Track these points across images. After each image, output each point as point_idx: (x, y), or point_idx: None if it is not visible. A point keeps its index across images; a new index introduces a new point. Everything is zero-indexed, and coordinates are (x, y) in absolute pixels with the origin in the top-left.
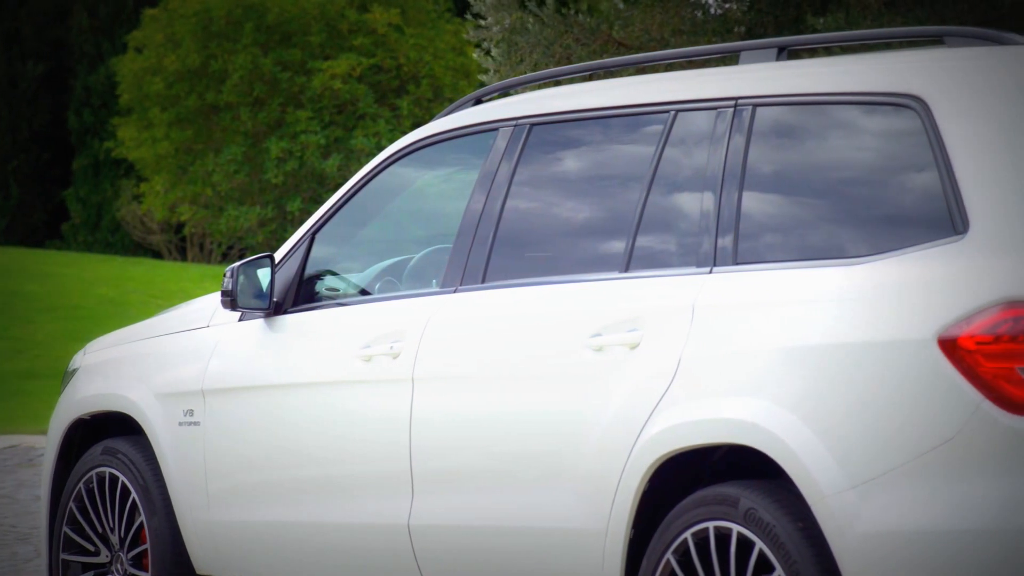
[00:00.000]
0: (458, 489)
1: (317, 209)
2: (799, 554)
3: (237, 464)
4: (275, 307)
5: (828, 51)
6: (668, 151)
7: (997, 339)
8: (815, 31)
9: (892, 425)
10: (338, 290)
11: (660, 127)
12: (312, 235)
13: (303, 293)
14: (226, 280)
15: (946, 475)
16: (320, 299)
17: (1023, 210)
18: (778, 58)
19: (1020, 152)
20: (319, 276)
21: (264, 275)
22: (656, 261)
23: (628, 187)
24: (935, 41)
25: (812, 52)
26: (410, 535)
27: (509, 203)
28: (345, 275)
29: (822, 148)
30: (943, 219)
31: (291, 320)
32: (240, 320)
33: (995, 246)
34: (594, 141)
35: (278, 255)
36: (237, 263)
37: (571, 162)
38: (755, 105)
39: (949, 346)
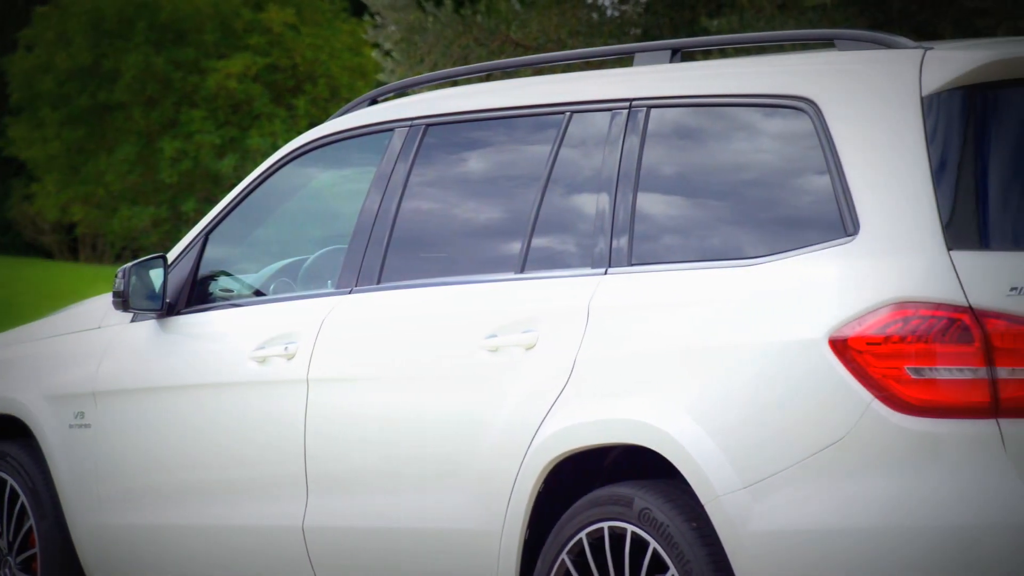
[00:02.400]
0: (353, 490)
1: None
2: (692, 553)
3: (129, 467)
4: (168, 308)
5: (722, 53)
6: (563, 152)
7: (887, 339)
8: (709, 33)
9: (785, 425)
10: (232, 291)
11: (555, 128)
12: (206, 235)
13: (197, 294)
14: (118, 281)
15: (837, 474)
16: (214, 300)
17: (912, 211)
18: (672, 60)
19: (909, 154)
20: (213, 277)
21: (157, 276)
22: (552, 262)
23: (524, 188)
24: (827, 44)
25: (706, 54)
26: (304, 537)
27: (405, 204)
28: (239, 276)
29: (716, 150)
30: (834, 220)
31: (184, 321)
32: (132, 321)
33: (885, 247)
34: (490, 142)
35: (171, 255)
36: (129, 264)
37: (467, 163)
38: (649, 107)
39: (840, 346)
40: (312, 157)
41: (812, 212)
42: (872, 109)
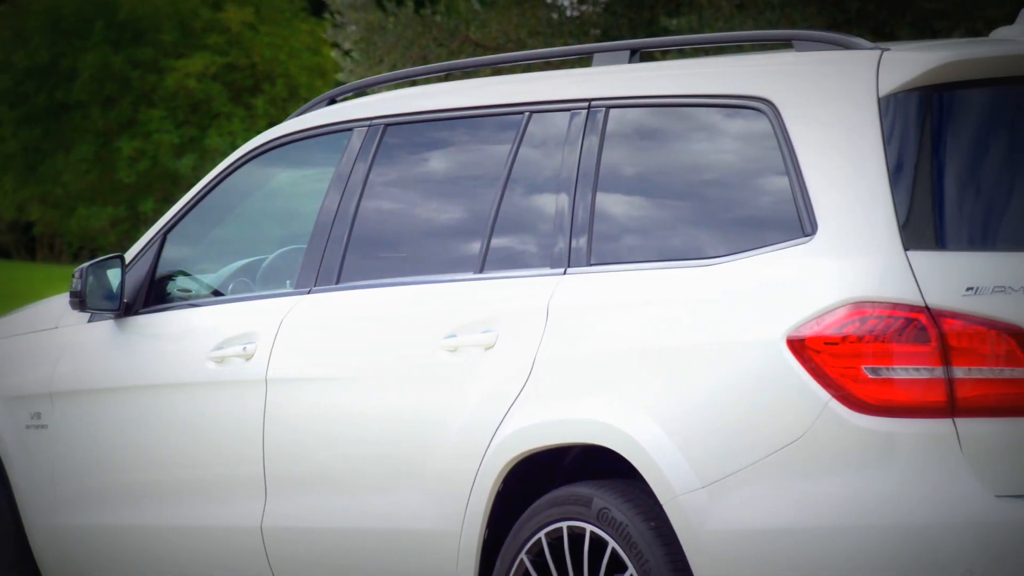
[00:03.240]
0: (312, 491)
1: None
2: (651, 553)
3: (86, 468)
4: (125, 308)
5: (681, 53)
6: (523, 152)
7: (844, 339)
8: (668, 33)
9: (743, 424)
10: (190, 291)
11: (515, 128)
12: (164, 235)
13: (155, 294)
14: (75, 281)
15: (794, 474)
16: (172, 300)
17: (870, 212)
18: (631, 60)
19: (866, 155)
20: (171, 277)
21: (114, 276)
22: (511, 262)
23: (483, 188)
24: (785, 45)
25: (665, 54)
26: (262, 537)
27: (364, 203)
28: (198, 276)
29: (675, 150)
30: (792, 221)
31: (142, 321)
32: (90, 321)
33: (842, 247)
34: (449, 142)
35: (129, 255)
36: (86, 263)
37: (426, 163)
38: (608, 107)
39: (798, 346)
40: (270, 157)
41: (770, 212)
42: (830, 110)
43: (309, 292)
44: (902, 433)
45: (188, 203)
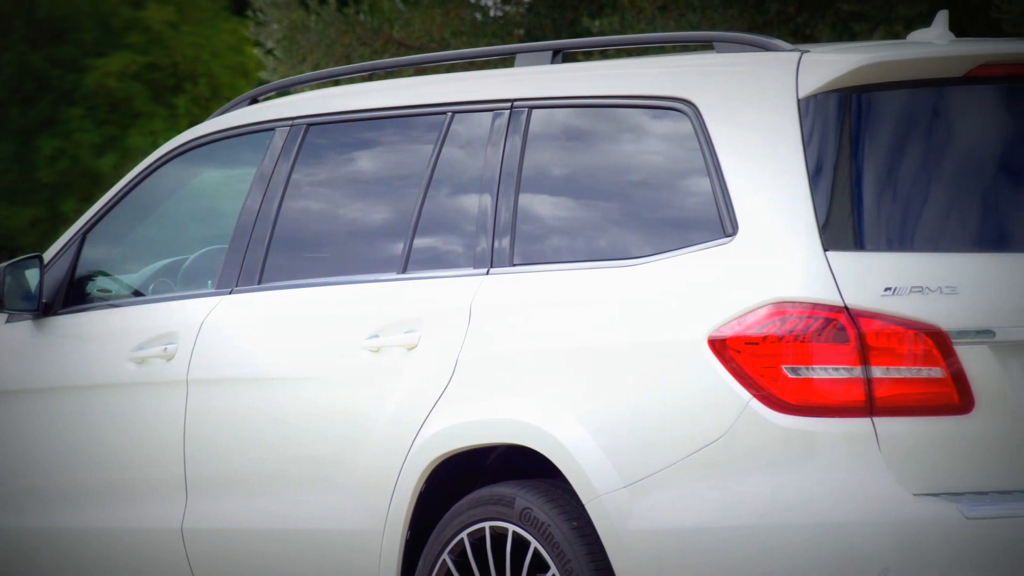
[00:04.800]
0: (233, 492)
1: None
2: (573, 553)
3: (5, 470)
4: (44, 309)
5: (603, 54)
6: (445, 152)
7: (764, 339)
8: (591, 34)
9: (665, 424)
10: (110, 291)
11: (438, 128)
12: (83, 235)
13: (74, 294)
14: None
15: (716, 473)
16: (92, 300)
17: (790, 212)
18: (553, 60)
19: (786, 156)
20: (91, 277)
21: (33, 276)
22: (434, 262)
23: (406, 188)
24: (706, 46)
25: (588, 55)
26: (183, 539)
27: (286, 203)
28: (118, 276)
29: (598, 150)
30: (714, 221)
31: (61, 322)
32: (7, 322)
33: (763, 248)
34: (372, 142)
35: (47, 255)
36: (4, 263)
37: (349, 163)
38: (531, 107)
39: (719, 346)
40: (191, 156)
41: (692, 213)
42: (750, 111)
43: (231, 292)
44: (821, 432)
45: (108, 203)
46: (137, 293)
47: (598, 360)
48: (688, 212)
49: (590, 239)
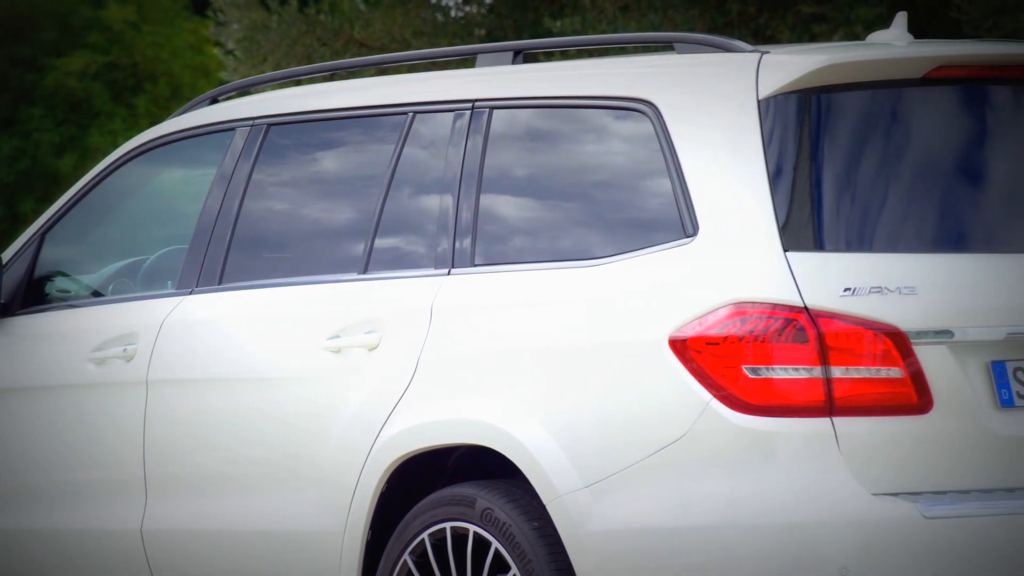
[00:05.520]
0: (192, 493)
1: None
2: (534, 553)
3: None
4: (3, 309)
5: (564, 55)
6: (407, 152)
7: (725, 339)
8: (552, 35)
9: (626, 425)
10: (70, 291)
11: (399, 129)
12: (42, 235)
13: (33, 295)
14: None
15: (676, 473)
16: (51, 301)
17: (750, 213)
18: (514, 61)
19: (746, 157)
20: (50, 277)
21: None
22: (395, 263)
23: (367, 188)
24: (667, 47)
25: (549, 55)
26: (143, 540)
27: (247, 204)
28: (77, 276)
29: (560, 151)
30: (675, 222)
31: (20, 323)
32: None
33: (723, 248)
34: (333, 142)
35: (5, 256)
36: None
37: (310, 163)
38: (492, 108)
39: (679, 346)
40: (151, 156)
41: (653, 213)
42: (710, 112)
43: (191, 293)
44: (781, 432)
45: (67, 203)
46: (96, 293)
47: (559, 360)
48: (649, 212)
49: (551, 239)
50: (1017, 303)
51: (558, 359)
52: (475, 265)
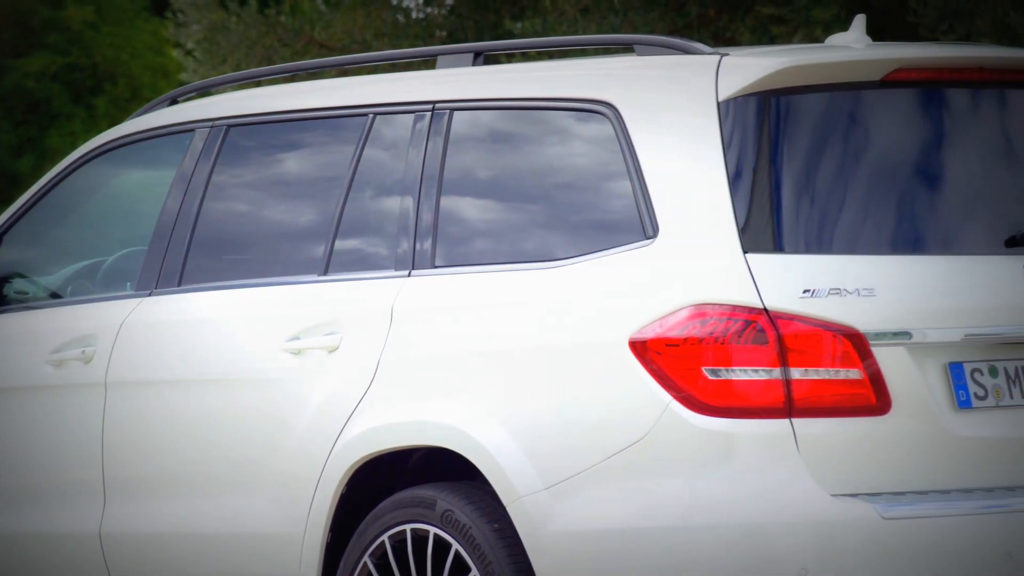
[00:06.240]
0: (152, 495)
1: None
2: (494, 555)
3: None
4: None
5: (525, 56)
6: (367, 154)
7: (685, 341)
8: (513, 36)
9: (587, 426)
10: (27, 293)
11: (359, 130)
12: (0, 236)
13: None
14: None
15: (636, 474)
16: (9, 302)
17: (710, 215)
18: (474, 63)
19: (706, 158)
20: (7, 279)
21: None
22: (355, 264)
23: (327, 190)
24: (627, 49)
25: (510, 57)
26: (101, 543)
27: (206, 205)
28: (35, 278)
29: (520, 152)
30: (635, 223)
31: None
32: None
33: (683, 250)
34: (293, 143)
35: None
36: None
37: (270, 164)
38: (452, 109)
39: (640, 348)
40: (111, 157)
41: (614, 215)
42: (670, 114)
43: (150, 294)
44: (741, 433)
45: (25, 204)
46: (55, 295)
47: (520, 362)
48: (609, 214)
49: (512, 241)
50: (975, 305)
51: (519, 361)
52: (436, 266)
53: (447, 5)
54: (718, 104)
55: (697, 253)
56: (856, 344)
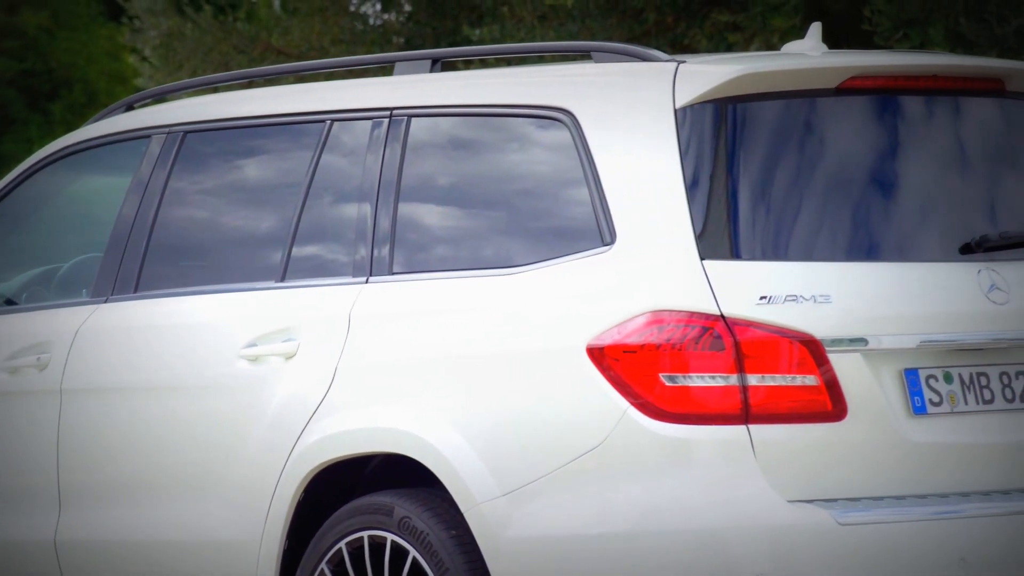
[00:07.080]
0: (107, 503)
1: None
2: (451, 561)
3: None
4: None
5: (483, 63)
6: (324, 160)
7: (642, 347)
8: (471, 43)
9: (545, 433)
10: None
11: (316, 136)
12: None
13: None
14: None
15: (594, 481)
16: None
17: (667, 222)
18: (432, 69)
19: (663, 165)
20: None
21: None
22: (313, 271)
23: (285, 196)
24: (585, 56)
25: (468, 64)
26: (56, 551)
27: (163, 211)
28: None
29: (478, 159)
30: (592, 230)
31: None
32: None
33: (640, 256)
34: (251, 149)
35: None
36: None
37: (227, 170)
38: (410, 116)
39: (597, 354)
40: (66, 163)
41: (571, 222)
42: (627, 121)
43: (106, 301)
44: (698, 440)
45: None
46: (10, 302)
47: (477, 368)
48: (567, 221)
49: (470, 248)
50: (930, 311)
51: (477, 367)
52: (393, 273)
53: (405, 12)
54: (675, 111)
55: (654, 260)
56: (812, 351)
